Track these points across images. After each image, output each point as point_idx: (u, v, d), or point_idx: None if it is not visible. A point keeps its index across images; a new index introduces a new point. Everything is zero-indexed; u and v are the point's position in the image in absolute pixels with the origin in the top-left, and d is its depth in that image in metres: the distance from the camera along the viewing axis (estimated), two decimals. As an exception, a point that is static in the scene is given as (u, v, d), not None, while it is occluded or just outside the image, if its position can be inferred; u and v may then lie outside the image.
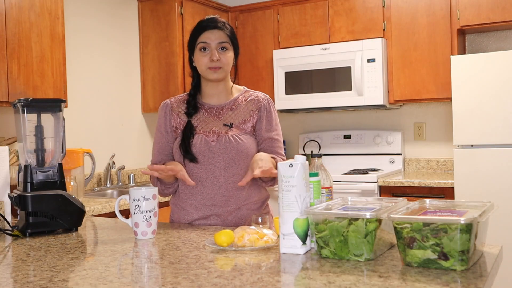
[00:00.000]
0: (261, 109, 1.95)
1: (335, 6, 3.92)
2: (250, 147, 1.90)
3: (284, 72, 4.02)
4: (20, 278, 1.26)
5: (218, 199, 1.88)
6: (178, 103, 1.99)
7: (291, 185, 1.37)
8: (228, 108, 1.95)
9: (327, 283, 1.12)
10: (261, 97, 1.98)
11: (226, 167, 1.87)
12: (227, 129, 1.90)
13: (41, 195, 1.82)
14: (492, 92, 3.09)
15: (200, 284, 1.14)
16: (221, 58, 1.88)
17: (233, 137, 1.88)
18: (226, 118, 1.93)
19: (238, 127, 1.92)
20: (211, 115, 1.94)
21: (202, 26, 1.90)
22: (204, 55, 1.88)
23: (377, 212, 1.25)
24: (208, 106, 1.96)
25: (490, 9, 3.40)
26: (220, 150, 1.87)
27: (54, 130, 1.95)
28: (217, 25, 1.89)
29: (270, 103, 1.99)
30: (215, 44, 1.88)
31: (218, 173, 1.87)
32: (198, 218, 1.91)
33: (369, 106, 3.79)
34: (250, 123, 1.93)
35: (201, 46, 1.89)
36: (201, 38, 1.89)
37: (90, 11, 3.61)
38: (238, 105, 1.96)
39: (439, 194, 3.32)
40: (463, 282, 1.09)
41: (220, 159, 1.87)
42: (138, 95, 4.01)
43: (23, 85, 2.76)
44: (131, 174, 3.76)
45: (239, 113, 1.94)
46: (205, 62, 1.88)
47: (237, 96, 1.98)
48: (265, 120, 1.95)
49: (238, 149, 1.87)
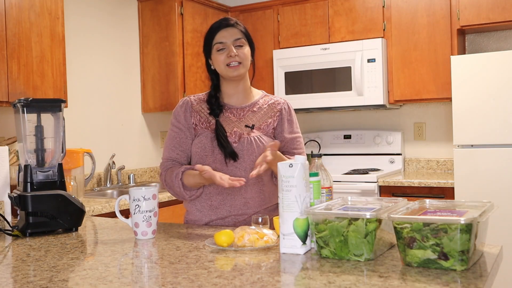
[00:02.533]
0: (282, 112, 1.97)
1: (335, 6, 3.92)
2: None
3: (284, 72, 4.02)
4: (20, 278, 1.26)
5: (238, 200, 1.87)
6: (199, 101, 1.98)
7: (291, 185, 1.37)
8: (249, 110, 1.95)
9: (327, 283, 1.12)
10: (281, 101, 2.01)
11: (247, 169, 1.85)
12: (248, 131, 1.90)
13: (41, 195, 1.82)
14: (492, 92, 3.09)
15: (200, 284, 1.14)
16: (238, 53, 1.89)
17: (254, 139, 1.88)
18: (248, 120, 1.93)
19: (260, 128, 1.92)
20: (231, 116, 1.94)
21: (215, 27, 1.91)
22: (221, 54, 1.89)
23: (377, 212, 1.25)
24: (229, 107, 1.95)
25: (490, 9, 3.40)
26: (242, 152, 1.86)
27: (54, 130, 1.95)
28: (229, 23, 1.91)
29: (290, 106, 2.02)
30: (231, 42, 1.89)
31: (238, 174, 1.84)
32: (216, 218, 1.89)
33: (369, 106, 3.79)
34: (271, 125, 1.94)
35: (217, 46, 1.89)
36: (216, 39, 1.90)
37: (90, 11, 3.61)
38: (260, 108, 1.97)
39: (439, 194, 3.32)
40: (463, 282, 1.09)
41: (241, 161, 1.86)
42: (138, 95, 4.01)
43: (23, 85, 2.76)
44: (131, 174, 3.76)
45: (260, 116, 1.95)
46: (223, 59, 1.88)
47: (258, 99, 1.99)
48: (287, 123, 1.97)
49: (260, 151, 1.85)
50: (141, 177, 3.96)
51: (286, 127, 1.96)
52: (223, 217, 1.88)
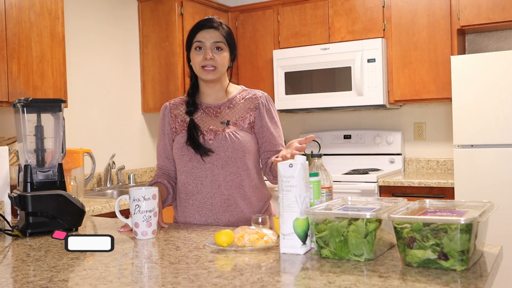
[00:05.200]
0: (260, 106, 1.95)
1: (335, 6, 3.92)
2: (248, 144, 1.90)
3: (284, 72, 4.02)
4: (20, 278, 1.26)
5: (217, 198, 1.88)
6: (177, 105, 2.01)
7: (291, 185, 1.37)
8: (225, 106, 1.96)
9: (327, 283, 1.12)
10: (258, 95, 1.98)
11: (224, 165, 1.87)
12: (224, 127, 1.91)
13: (41, 195, 1.82)
14: (492, 92, 3.09)
15: (200, 284, 1.14)
16: (215, 57, 1.88)
17: (229, 134, 1.88)
18: (223, 117, 1.94)
19: (235, 124, 1.92)
20: (208, 114, 1.95)
21: (199, 25, 1.93)
22: (198, 54, 1.90)
23: (377, 212, 1.25)
24: (206, 106, 1.97)
25: (490, 9, 3.40)
26: (218, 149, 1.87)
27: (54, 130, 1.95)
28: (212, 25, 1.91)
29: (268, 100, 1.98)
30: (209, 44, 1.89)
31: (216, 172, 1.87)
32: (200, 223, 1.91)
33: (369, 106, 3.79)
34: (247, 120, 1.93)
35: (196, 45, 1.91)
36: (197, 37, 1.91)
37: (90, 11, 3.61)
38: (236, 103, 1.96)
39: (439, 194, 3.32)
40: (463, 282, 1.09)
41: (218, 157, 1.87)
42: (138, 95, 4.01)
43: (23, 85, 2.76)
44: (131, 174, 3.76)
45: (237, 111, 1.95)
46: (199, 61, 1.90)
47: (235, 95, 1.99)
48: (266, 117, 1.95)
49: (234, 147, 1.87)
50: (141, 177, 3.96)
51: (266, 121, 1.94)
52: (208, 224, 1.89)
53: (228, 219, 1.89)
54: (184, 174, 1.92)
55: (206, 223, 1.90)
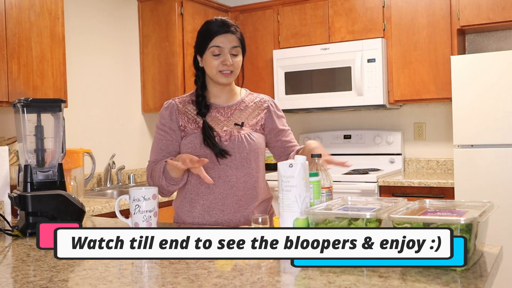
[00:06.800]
0: (269, 108, 2.00)
1: (335, 6, 3.92)
2: (261, 146, 1.95)
3: (284, 72, 4.02)
4: (20, 278, 1.26)
5: (230, 199, 1.88)
6: (184, 103, 1.97)
7: (291, 185, 1.37)
8: (236, 108, 1.96)
9: (327, 283, 1.12)
10: (266, 99, 2.04)
11: (238, 167, 1.88)
12: (238, 128, 1.91)
13: (41, 195, 1.82)
14: (492, 92, 3.09)
15: (200, 284, 1.14)
16: (233, 62, 1.88)
17: (245, 136, 1.90)
18: (236, 118, 1.94)
19: (249, 125, 1.94)
20: (220, 115, 1.94)
21: (215, 30, 1.87)
22: (216, 59, 1.87)
23: (377, 212, 1.25)
24: (215, 106, 1.96)
25: (490, 9, 3.40)
26: (233, 150, 1.87)
27: (54, 130, 1.95)
28: (230, 29, 1.88)
29: (275, 103, 2.06)
30: (228, 49, 1.87)
31: (230, 173, 1.87)
32: (210, 224, 1.89)
33: (369, 106, 3.79)
34: (259, 122, 1.97)
35: (213, 50, 1.87)
36: (214, 42, 1.87)
37: (90, 11, 3.61)
38: (246, 106, 1.98)
39: (439, 194, 3.32)
40: (463, 282, 1.10)
41: (233, 159, 1.87)
42: (138, 95, 4.01)
43: (23, 85, 2.76)
44: (131, 174, 3.76)
45: (249, 113, 1.97)
46: (216, 65, 1.87)
47: (243, 97, 2.01)
48: (276, 119, 2.00)
49: (250, 148, 1.89)
50: (141, 177, 3.96)
51: (277, 123, 2.00)
52: (216, 224, 1.88)
53: (239, 220, 1.89)
54: (196, 175, 1.83)
55: (216, 223, 1.89)
